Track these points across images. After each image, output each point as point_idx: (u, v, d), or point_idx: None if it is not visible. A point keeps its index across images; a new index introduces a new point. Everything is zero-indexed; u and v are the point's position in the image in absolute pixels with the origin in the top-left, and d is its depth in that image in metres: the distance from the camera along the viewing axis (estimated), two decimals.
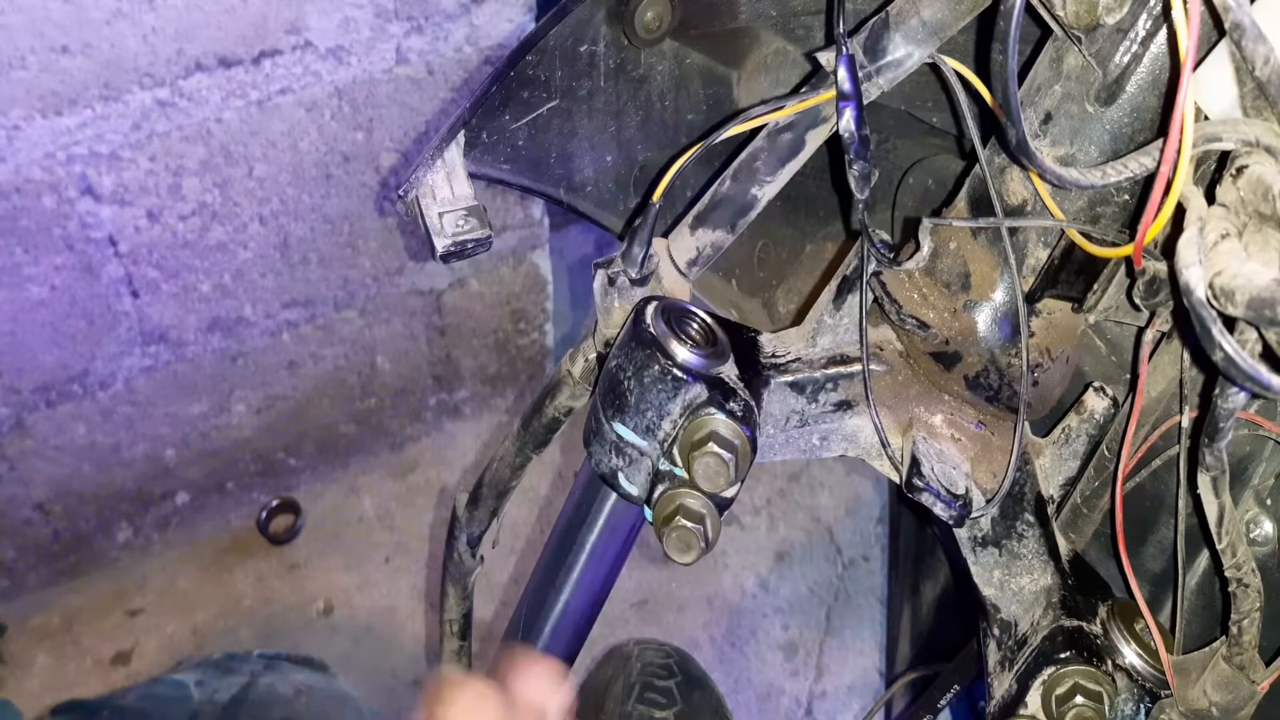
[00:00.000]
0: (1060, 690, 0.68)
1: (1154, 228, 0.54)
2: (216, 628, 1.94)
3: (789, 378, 0.70)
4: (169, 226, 1.66)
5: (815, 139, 0.72)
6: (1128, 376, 0.77)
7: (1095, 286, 0.69)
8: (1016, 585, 0.73)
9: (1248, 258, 0.47)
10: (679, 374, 0.63)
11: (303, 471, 2.13)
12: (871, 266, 0.71)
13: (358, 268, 1.89)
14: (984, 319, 0.69)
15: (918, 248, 0.69)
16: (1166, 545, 0.73)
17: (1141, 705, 0.69)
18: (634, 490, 0.66)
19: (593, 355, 0.78)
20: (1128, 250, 0.60)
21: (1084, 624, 0.70)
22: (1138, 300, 0.64)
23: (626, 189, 0.91)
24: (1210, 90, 0.53)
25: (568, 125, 0.82)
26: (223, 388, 1.91)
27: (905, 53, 0.67)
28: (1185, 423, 0.65)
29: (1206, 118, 0.54)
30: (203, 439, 1.95)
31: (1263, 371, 0.46)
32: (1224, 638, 0.64)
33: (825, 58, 0.67)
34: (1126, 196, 0.65)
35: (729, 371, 0.65)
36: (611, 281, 0.72)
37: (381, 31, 1.62)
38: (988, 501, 0.70)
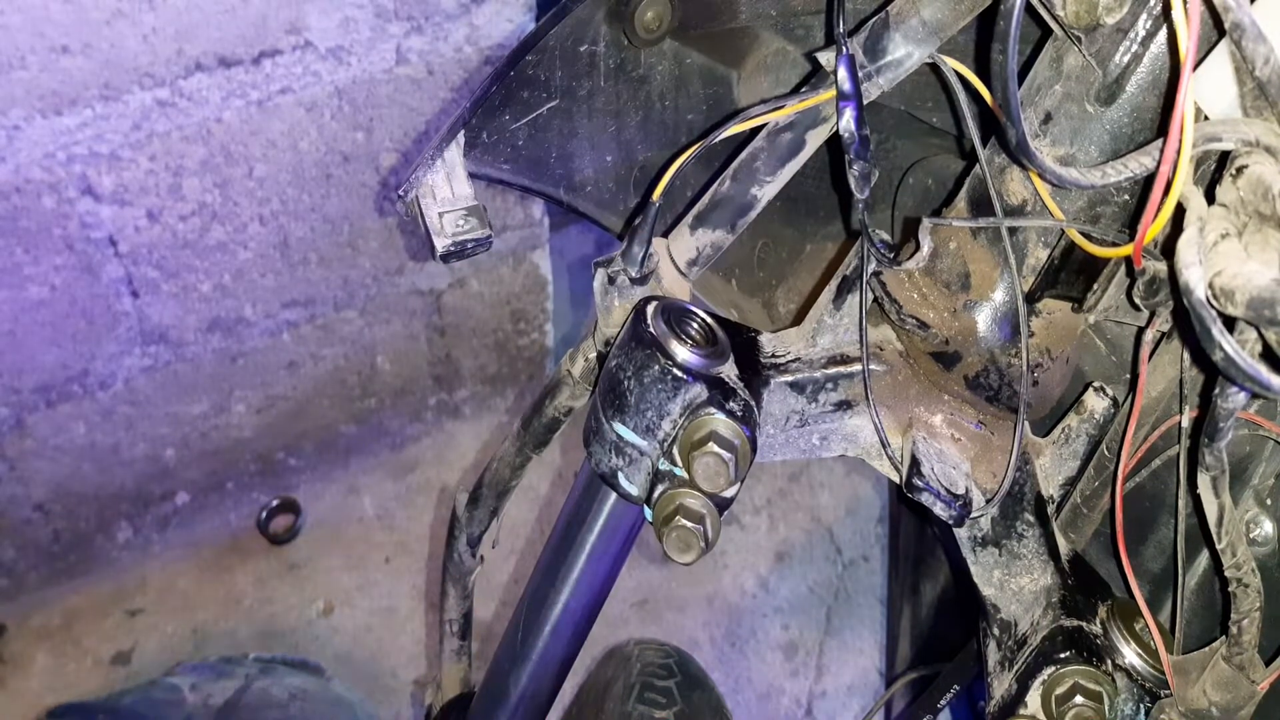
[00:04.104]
0: (1060, 690, 0.68)
1: (1154, 228, 0.54)
2: (216, 628, 1.94)
3: (789, 378, 0.70)
4: (169, 226, 1.66)
5: (815, 139, 0.72)
6: (1128, 376, 0.77)
7: (1095, 286, 0.69)
8: (1016, 585, 0.73)
9: (1248, 258, 0.47)
10: (679, 374, 0.63)
11: (303, 471, 2.13)
12: (871, 266, 0.71)
13: (358, 268, 1.89)
14: (984, 319, 0.69)
15: (918, 248, 0.69)
16: (1166, 545, 0.73)
17: (1141, 705, 0.69)
18: (634, 490, 0.66)
19: (593, 355, 0.78)
20: (1128, 250, 0.60)
21: (1084, 624, 0.70)
22: (1138, 300, 0.64)
23: (626, 189, 0.91)
24: (1210, 90, 0.53)
25: (568, 125, 0.82)
26: (223, 388, 1.91)
27: (905, 53, 0.67)
28: (1185, 423, 0.65)
29: (1206, 118, 0.54)
30: (203, 439, 1.95)
31: (1262, 371, 0.46)
32: (1224, 638, 0.64)
33: (825, 58, 0.67)
34: (1126, 196, 0.65)
35: (729, 371, 0.65)
36: (611, 280, 0.72)
37: (381, 31, 1.62)
38: (988, 501, 0.70)
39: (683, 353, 0.64)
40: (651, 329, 0.64)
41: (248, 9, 1.49)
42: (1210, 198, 0.51)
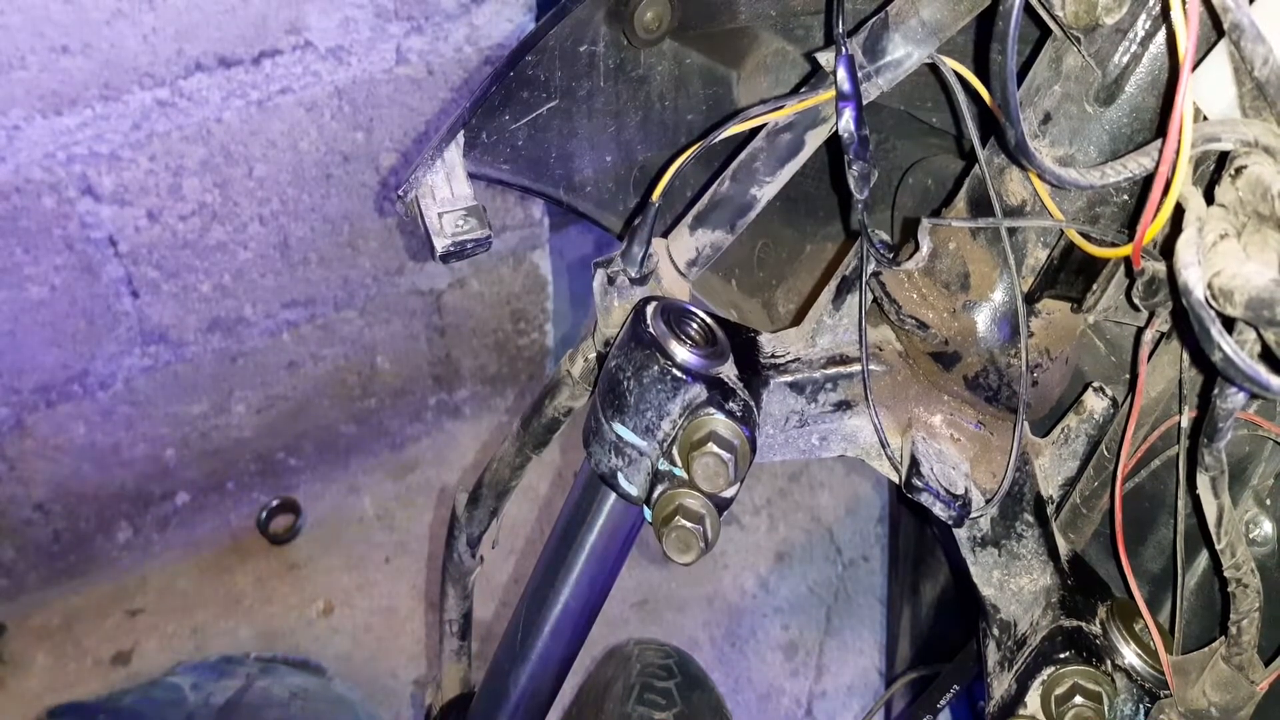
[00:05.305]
0: (1059, 690, 0.68)
1: (1153, 228, 0.54)
2: (216, 628, 1.95)
3: (788, 378, 0.70)
4: (169, 226, 1.66)
5: (815, 139, 0.72)
6: (1127, 376, 0.77)
7: (1094, 287, 0.69)
8: (1016, 585, 0.73)
9: (1246, 258, 0.47)
10: (678, 374, 0.63)
11: (303, 471, 2.13)
12: (871, 266, 0.71)
13: (358, 268, 1.89)
14: (983, 319, 0.69)
15: (917, 248, 0.69)
16: (1166, 545, 0.73)
17: (1141, 705, 0.69)
18: (633, 490, 0.66)
19: (592, 355, 0.78)
20: (1127, 250, 0.60)
21: (1083, 624, 0.70)
22: (1137, 300, 0.64)
23: (626, 189, 0.91)
24: (1209, 90, 0.53)
25: (567, 125, 0.82)
26: (223, 388, 1.91)
27: (904, 53, 0.67)
28: (1185, 423, 0.65)
29: (1205, 118, 0.54)
30: (203, 439, 1.95)
31: (1261, 372, 0.46)
32: (1223, 638, 0.64)
33: (825, 58, 0.67)
34: (1126, 197, 0.65)
35: (728, 371, 0.65)
36: (611, 281, 0.72)
37: (381, 31, 1.62)
38: (987, 501, 0.70)
39: (682, 353, 0.64)
40: (651, 329, 0.64)
41: (248, 9, 1.49)
42: (1209, 198, 0.51)
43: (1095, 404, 0.75)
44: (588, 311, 2.37)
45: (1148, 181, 0.56)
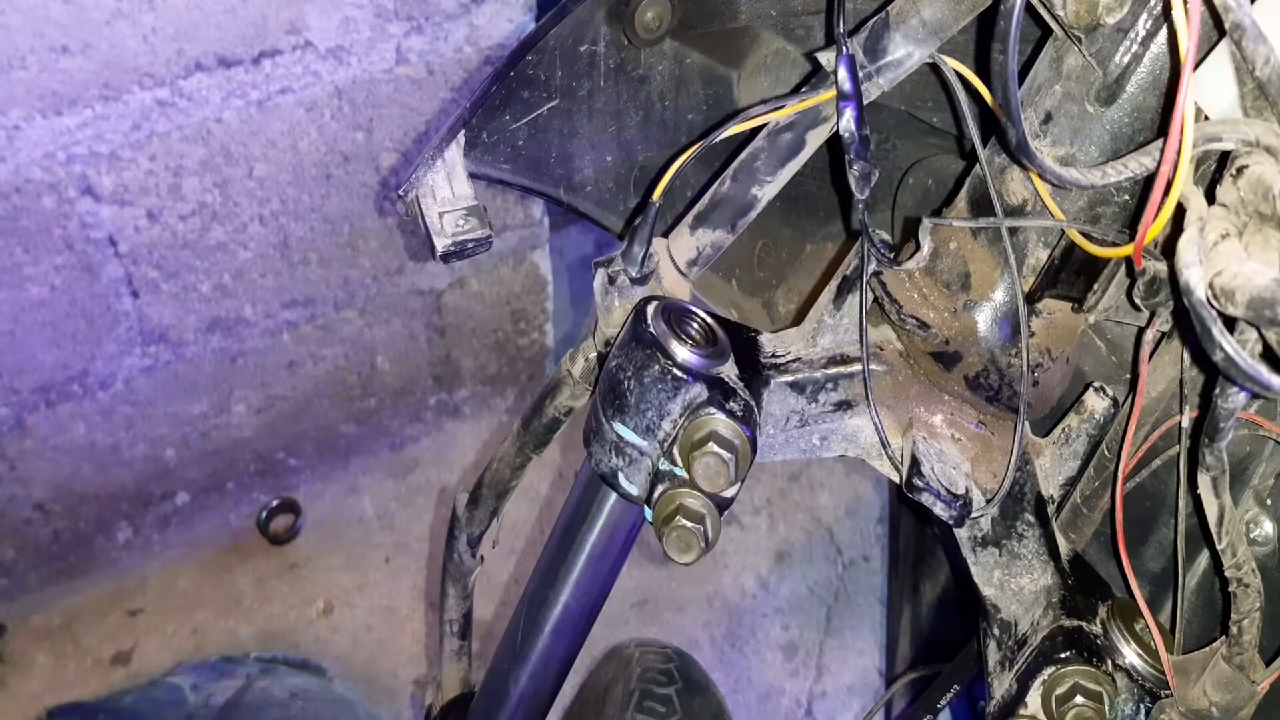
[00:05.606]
0: (1060, 690, 0.68)
1: (1154, 228, 0.54)
2: (216, 628, 1.95)
3: (789, 378, 0.70)
4: (169, 226, 1.66)
5: (815, 139, 0.72)
6: (1128, 376, 0.77)
7: (1095, 286, 0.69)
8: (1016, 585, 0.73)
9: (1248, 258, 0.47)
10: (679, 374, 0.63)
11: (303, 471, 2.13)
12: (871, 266, 0.71)
13: (358, 268, 1.89)
14: (984, 319, 0.69)
15: (918, 248, 0.69)
16: (1166, 545, 0.73)
17: (1141, 705, 0.69)
18: (634, 490, 0.66)
19: (593, 355, 0.78)
20: (1128, 250, 0.60)
21: (1084, 624, 0.70)
22: (1138, 300, 0.64)
23: (626, 189, 0.91)
24: (1210, 90, 0.53)
25: (568, 125, 0.82)
26: (223, 388, 1.91)
27: (905, 53, 0.67)
28: (1185, 423, 0.65)
29: (1207, 118, 0.54)
30: (203, 439, 1.95)
31: (1263, 371, 0.46)
32: (1224, 638, 0.64)
33: (825, 58, 0.67)
34: (1126, 196, 0.65)
35: (729, 371, 0.65)
36: (612, 280, 0.72)
37: (381, 31, 1.62)
38: (988, 501, 0.70)
39: (683, 353, 0.64)
40: (651, 329, 0.64)
41: (248, 9, 1.49)
42: (1210, 198, 0.51)
43: (1096, 404, 0.75)
44: (588, 311, 2.37)
45: (1149, 181, 0.56)
